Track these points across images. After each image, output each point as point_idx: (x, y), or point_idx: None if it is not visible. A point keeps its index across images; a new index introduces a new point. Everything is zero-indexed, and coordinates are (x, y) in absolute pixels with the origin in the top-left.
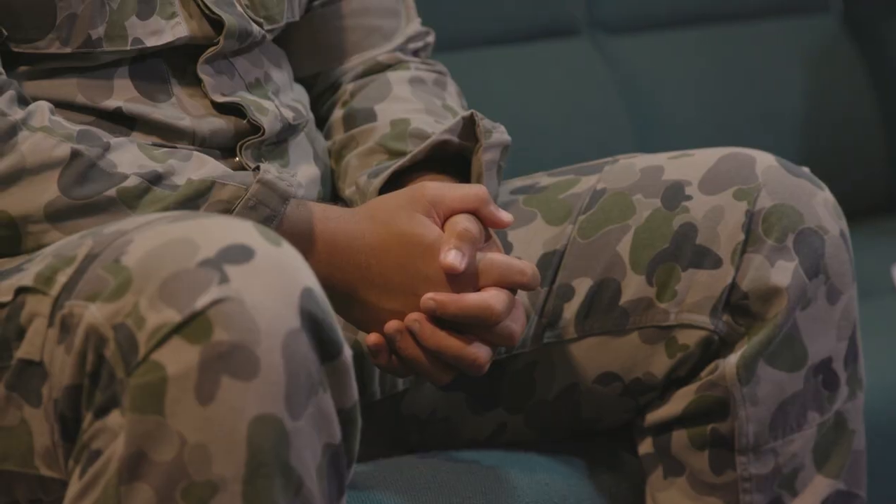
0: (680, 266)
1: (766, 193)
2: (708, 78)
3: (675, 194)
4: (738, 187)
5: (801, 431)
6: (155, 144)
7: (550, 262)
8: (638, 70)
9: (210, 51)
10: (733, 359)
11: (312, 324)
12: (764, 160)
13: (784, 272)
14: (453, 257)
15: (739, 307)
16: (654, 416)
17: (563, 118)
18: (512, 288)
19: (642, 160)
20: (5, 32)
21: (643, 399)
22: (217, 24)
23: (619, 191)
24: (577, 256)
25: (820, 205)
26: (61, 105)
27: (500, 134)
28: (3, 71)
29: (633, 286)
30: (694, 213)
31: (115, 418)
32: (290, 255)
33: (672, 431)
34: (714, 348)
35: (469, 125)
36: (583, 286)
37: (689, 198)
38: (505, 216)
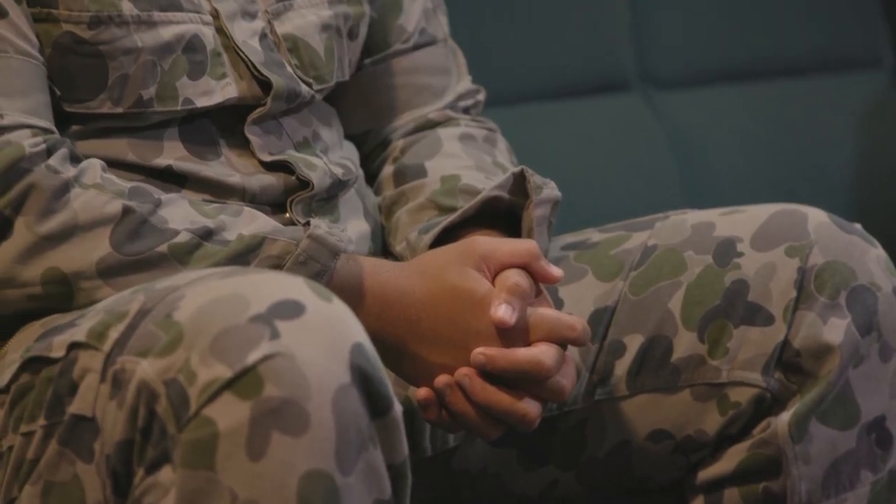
0: (732, 323)
1: (818, 250)
2: (759, 133)
3: (726, 251)
4: (790, 244)
5: (854, 490)
6: (205, 201)
7: (601, 319)
8: (688, 125)
9: (257, 111)
10: (785, 416)
11: (363, 379)
12: (816, 217)
13: (836, 329)
14: (503, 311)
15: (792, 364)
16: (706, 473)
17: (613, 173)
18: (562, 343)
19: (693, 216)
20: (59, 93)
21: (695, 456)
22: (266, 84)
23: (671, 247)
24: (629, 313)
25: (872, 261)
26: (113, 163)
27: (551, 190)
28: (55, 130)
29: (685, 343)
30: (746, 269)
31: (166, 474)
32: (340, 310)
33: (724, 489)
34: (766, 406)
35: (520, 181)
36: (634, 343)
37: (740, 254)
38: (555, 271)
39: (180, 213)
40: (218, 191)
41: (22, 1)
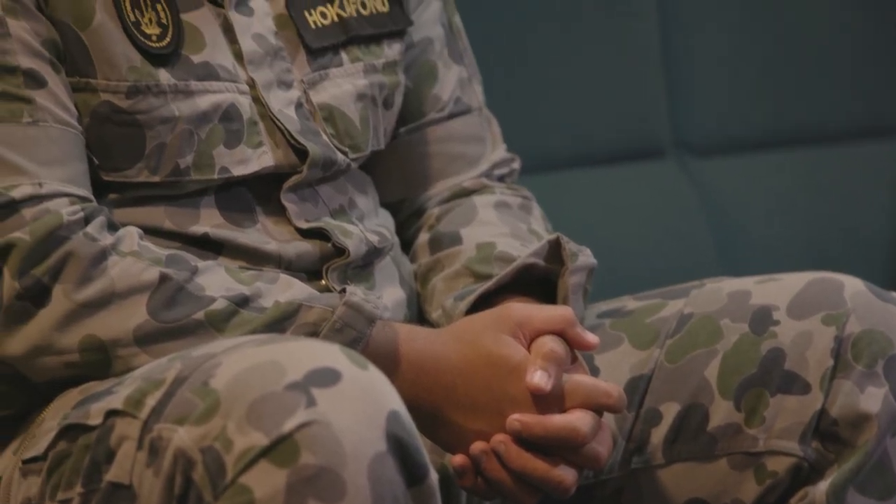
0: (768, 391)
1: (854, 319)
2: (795, 200)
3: (762, 319)
4: (826, 312)
5: None
6: (242, 268)
7: (637, 387)
8: (724, 192)
9: (294, 179)
10: (823, 486)
11: (399, 447)
12: (852, 285)
13: (874, 398)
14: (539, 378)
15: (829, 434)
16: None
17: (648, 240)
18: (598, 410)
19: (729, 284)
20: (97, 161)
21: None
22: (302, 152)
23: (707, 315)
24: (665, 381)
25: None
26: (150, 231)
27: (586, 257)
28: (93, 198)
29: (722, 411)
30: (782, 338)
31: None
32: (376, 378)
33: None
34: (803, 475)
35: (555, 248)
36: (670, 411)
37: (776, 322)
38: (591, 338)
39: (217, 281)
40: (254, 258)
41: (61, 70)
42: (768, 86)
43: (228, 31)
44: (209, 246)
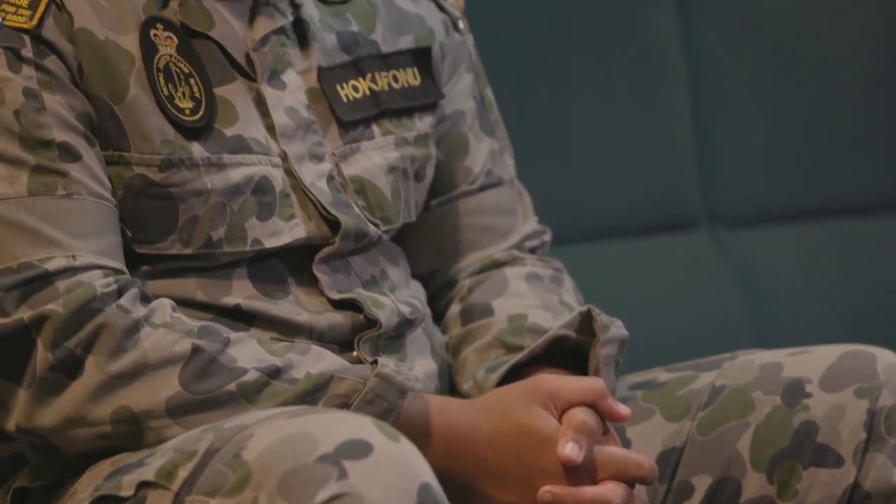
0: (801, 464)
1: (887, 392)
2: (827, 272)
3: (795, 391)
4: (859, 385)
5: None
6: (274, 339)
7: (669, 459)
8: (756, 263)
9: (326, 251)
10: None
11: None
12: (885, 357)
13: None
14: (570, 449)
15: None
16: None
17: (680, 312)
18: (630, 482)
19: (761, 356)
20: (129, 233)
21: None
22: (334, 224)
23: (739, 387)
24: (697, 453)
25: None
26: (182, 302)
27: (618, 329)
28: (126, 270)
29: (754, 484)
30: (814, 410)
31: None
32: (407, 450)
33: None
34: None
35: (586, 320)
36: (702, 484)
37: (809, 395)
38: (622, 409)
39: (249, 352)
40: (286, 329)
41: (95, 144)
42: (800, 157)
43: (261, 104)
44: (241, 317)
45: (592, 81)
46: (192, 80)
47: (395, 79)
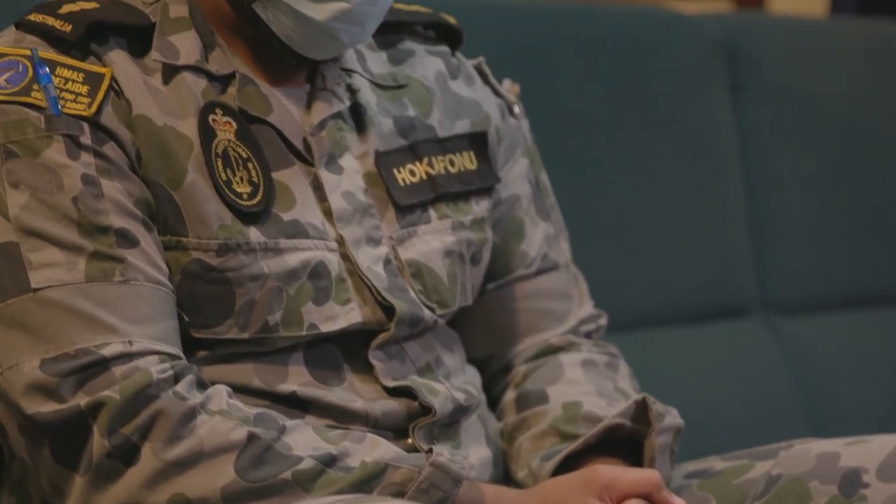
0: None
1: None
2: (883, 359)
3: (852, 481)
4: None
5: None
6: (329, 426)
7: None
8: (811, 351)
9: (381, 337)
10: None
11: None
12: None
13: None
14: None
15: None
16: None
17: (735, 400)
18: None
19: (818, 445)
20: (186, 318)
21: None
22: (389, 310)
23: (795, 477)
24: None
25: None
26: (238, 389)
27: (673, 418)
28: (183, 356)
29: None
30: (872, 500)
31: None
32: None
33: None
34: None
35: (641, 408)
36: None
37: (866, 485)
38: (678, 502)
39: (304, 440)
40: (341, 416)
41: (153, 229)
42: (852, 245)
43: (318, 188)
44: (297, 404)
45: (647, 168)
46: (250, 165)
47: (452, 163)
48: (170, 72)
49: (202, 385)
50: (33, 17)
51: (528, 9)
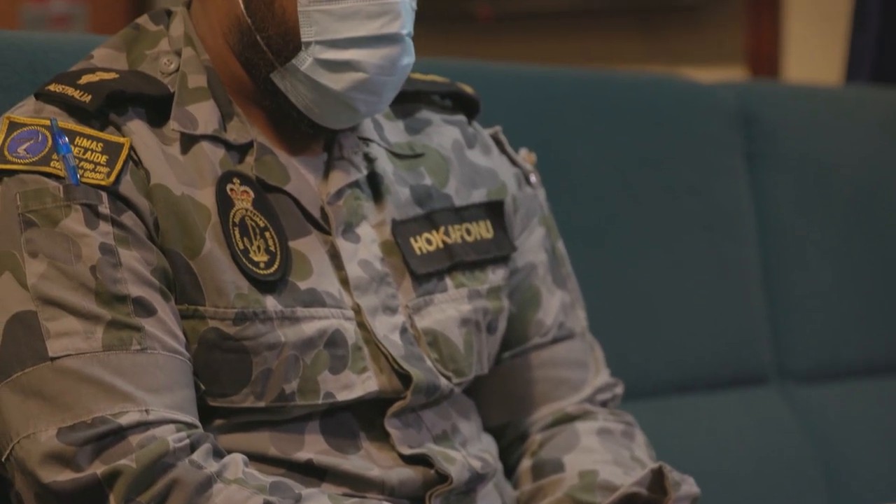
0: None
1: None
2: None
3: None
4: None
5: None
6: (345, 495)
7: None
8: (828, 419)
9: (398, 405)
10: None
11: None
12: None
13: None
14: None
15: None
16: None
17: (752, 468)
18: None
19: None
20: (203, 387)
21: None
22: (406, 378)
23: None
24: None
25: None
26: (254, 457)
27: (689, 486)
28: (199, 424)
29: None
30: None
31: None
32: None
33: None
34: None
35: (658, 477)
36: None
37: None
38: None
39: None
40: (357, 484)
41: (170, 298)
42: (870, 312)
43: (335, 257)
44: (313, 472)
45: (663, 235)
46: (267, 234)
47: (468, 232)
48: (188, 141)
49: (218, 453)
50: (53, 88)
51: (545, 76)
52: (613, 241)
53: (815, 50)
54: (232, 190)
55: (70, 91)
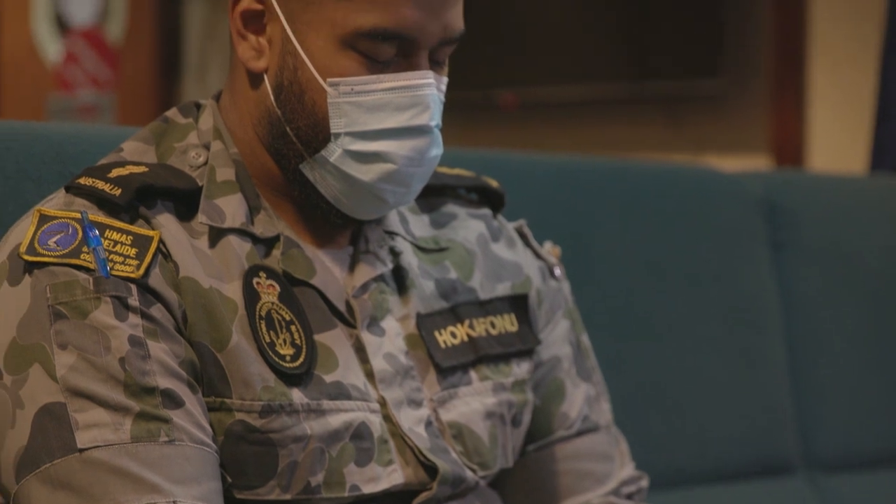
0: None
1: None
2: None
3: None
4: None
5: None
6: None
7: None
8: None
9: (423, 496)
10: None
11: None
12: None
13: None
14: None
15: None
16: None
17: None
18: None
19: None
20: (229, 479)
21: None
22: (432, 470)
23: None
24: None
25: None
26: None
27: None
28: None
29: None
30: None
31: None
32: None
33: None
34: None
35: None
36: None
37: None
38: None
39: None
40: None
41: (198, 390)
42: None
43: (360, 350)
44: None
45: (689, 324)
46: (293, 327)
47: (493, 325)
48: (216, 235)
49: None
50: (83, 181)
51: (570, 165)
52: (638, 330)
53: (839, 139)
54: (258, 283)
55: (100, 184)
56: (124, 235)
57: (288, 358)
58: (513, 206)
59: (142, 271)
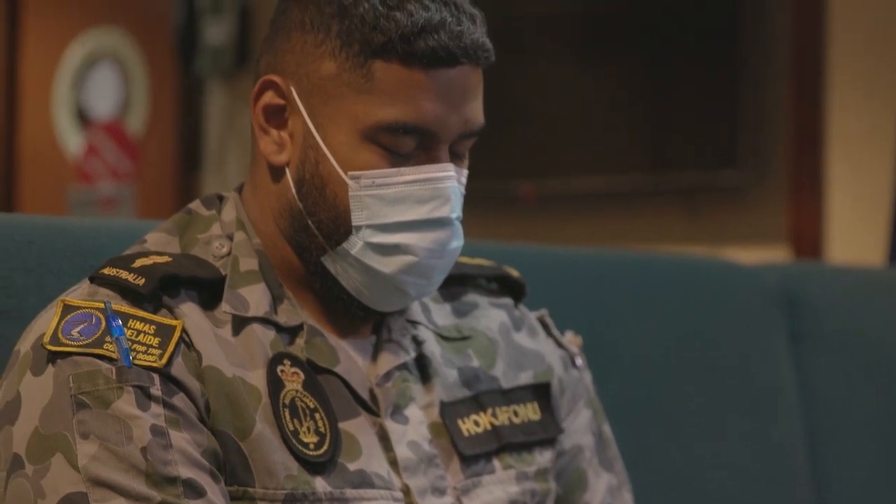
0: None
1: None
2: None
3: None
4: None
5: None
6: None
7: None
8: None
9: None
10: None
11: None
12: None
13: None
14: None
15: None
16: None
17: None
18: None
19: None
20: None
21: None
22: None
23: None
24: None
25: None
26: None
27: None
28: None
29: None
30: None
31: None
32: None
33: None
34: None
35: None
36: None
37: None
38: None
39: None
40: None
41: (220, 480)
42: None
43: (384, 438)
44: None
45: (709, 416)
46: (317, 415)
47: (516, 413)
48: (239, 323)
49: None
50: (107, 271)
51: (589, 258)
52: (660, 422)
53: (857, 231)
54: (282, 371)
55: (124, 274)
56: (147, 325)
57: (311, 446)
58: (532, 297)
59: (164, 360)
